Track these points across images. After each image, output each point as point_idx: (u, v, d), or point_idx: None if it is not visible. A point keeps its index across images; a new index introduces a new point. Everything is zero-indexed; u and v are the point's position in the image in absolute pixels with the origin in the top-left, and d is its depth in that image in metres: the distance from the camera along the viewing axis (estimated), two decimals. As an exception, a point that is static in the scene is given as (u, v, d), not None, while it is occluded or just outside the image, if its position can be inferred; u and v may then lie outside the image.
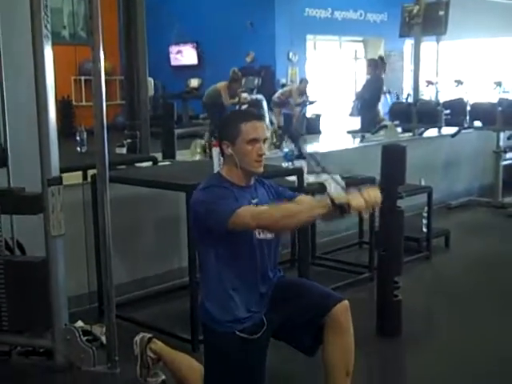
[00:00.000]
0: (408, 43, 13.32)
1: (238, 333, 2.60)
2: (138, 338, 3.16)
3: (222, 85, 9.26)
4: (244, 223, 2.50)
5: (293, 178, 4.04)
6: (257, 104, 9.49)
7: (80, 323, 3.59)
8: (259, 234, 2.63)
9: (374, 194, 2.50)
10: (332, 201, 2.40)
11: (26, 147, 3.41)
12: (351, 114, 11.03)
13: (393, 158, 3.65)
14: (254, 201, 2.65)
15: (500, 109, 6.98)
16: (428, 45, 9.75)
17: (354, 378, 2.70)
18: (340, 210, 2.36)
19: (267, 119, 9.06)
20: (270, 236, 2.66)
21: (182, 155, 5.85)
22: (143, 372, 3.14)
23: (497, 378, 3.24)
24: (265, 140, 2.68)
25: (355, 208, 2.43)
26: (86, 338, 3.35)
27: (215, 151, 3.66)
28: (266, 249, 2.68)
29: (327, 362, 2.67)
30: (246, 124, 2.61)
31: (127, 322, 3.79)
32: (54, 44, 3.18)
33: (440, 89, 9.43)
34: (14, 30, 3.46)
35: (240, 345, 2.61)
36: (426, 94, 9.54)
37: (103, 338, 3.45)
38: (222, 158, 2.80)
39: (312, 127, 11.52)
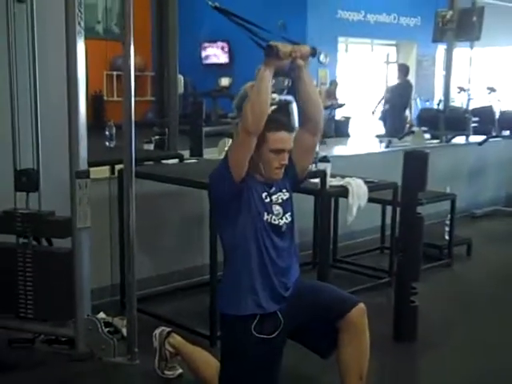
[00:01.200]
0: (441, 48, 13.26)
1: (254, 332, 2.66)
2: (157, 332, 3.25)
3: (248, 86, 9.29)
4: (237, 144, 2.62)
5: (316, 181, 4.08)
6: (285, 105, 9.51)
7: (102, 315, 3.67)
8: (268, 215, 2.68)
9: (303, 47, 2.67)
10: (266, 45, 2.59)
11: (58, 170, 3.45)
12: (381, 118, 11.01)
13: (414, 164, 3.66)
14: (264, 194, 2.70)
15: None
16: (461, 51, 9.70)
17: (367, 381, 2.73)
18: (269, 50, 2.56)
19: (296, 122, 9.08)
20: (278, 220, 2.71)
21: (209, 154, 5.91)
22: (161, 365, 3.22)
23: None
24: (289, 151, 2.72)
25: (282, 51, 2.56)
26: (107, 329, 3.42)
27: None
28: (278, 233, 2.71)
29: (342, 364, 2.71)
30: (275, 134, 2.64)
31: (148, 315, 3.85)
32: (87, 39, 3.24)
33: (472, 96, 9.39)
34: (49, 26, 3.54)
35: (256, 343, 2.66)
36: (458, 100, 9.51)
37: (124, 331, 3.53)
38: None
39: (341, 130, 11.51)
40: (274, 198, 2.72)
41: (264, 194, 2.69)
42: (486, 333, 3.95)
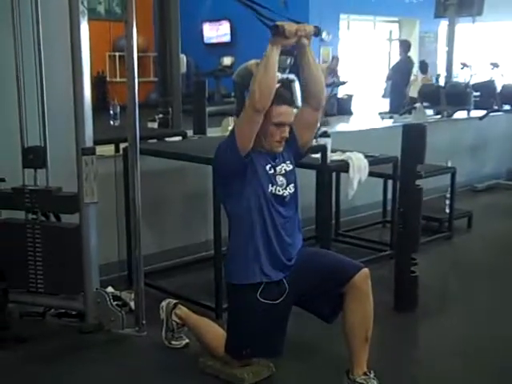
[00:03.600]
0: (443, 24, 13.22)
1: (260, 298, 2.77)
2: (164, 304, 3.35)
3: (253, 63, 9.30)
4: (244, 121, 2.70)
5: (317, 156, 4.15)
6: (288, 84, 9.53)
7: (110, 289, 3.76)
8: (273, 186, 2.79)
9: (307, 26, 2.78)
10: (273, 25, 2.69)
11: (65, 146, 3.50)
12: (384, 96, 11.03)
13: (413, 137, 3.73)
14: (268, 166, 2.79)
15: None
16: (464, 27, 9.69)
17: (369, 348, 2.83)
18: (276, 30, 2.67)
19: (299, 100, 9.10)
20: (283, 191, 2.82)
21: (213, 133, 5.96)
22: (168, 335, 3.32)
23: (510, 353, 3.34)
24: (290, 125, 2.82)
25: (288, 30, 2.67)
26: (115, 302, 3.51)
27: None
28: (282, 204, 2.82)
29: (347, 327, 2.82)
30: (277, 107, 2.74)
31: (154, 289, 3.96)
32: (89, 20, 3.29)
33: (476, 71, 9.39)
34: (53, 4, 3.58)
35: (261, 309, 2.79)
36: (461, 76, 9.51)
37: (132, 304, 3.63)
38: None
39: (343, 108, 11.50)
40: (277, 168, 2.83)
41: (268, 166, 2.80)
42: (486, 302, 4.04)
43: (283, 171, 2.86)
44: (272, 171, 2.82)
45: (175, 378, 3.08)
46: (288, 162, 2.89)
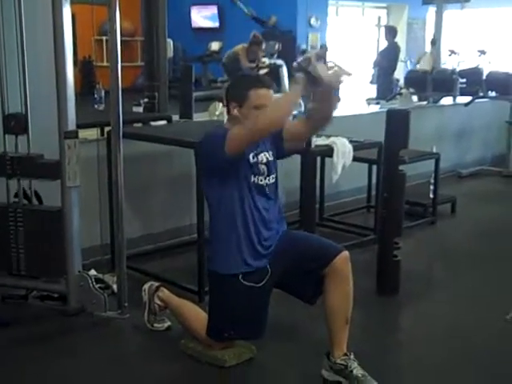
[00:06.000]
0: (432, 11, 13.22)
1: (243, 281, 2.80)
2: (146, 286, 3.36)
3: (240, 47, 9.27)
4: (239, 136, 2.67)
5: (301, 140, 4.14)
6: (276, 69, 9.51)
7: (93, 272, 3.76)
8: (255, 177, 2.81)
9: (342, 70, 2.66)
10: (306, 72, 2.57)
11: (46, 114, 3.49)
12: (372, 82, 11.02)
13: (396, 122, 3.74)
14: (251, 154, 2.81)
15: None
16: (452, 13, 9.68)
17: (350, 332, 2.86)
18: (311, 79, 2.56)
19: (286, 84, 9.07)
20: (264, 181, 2.84)
21: (200, 118, 5.95)
22: (150, 318, 3.34)
23: (494, 337, 3.37)
24: None
25: (323, 78, 2.57)
26: (98, 285, 3.52)
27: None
28: (263, 194, 2.85)
29: (327, 309, 2.84)
30: (256, 90, 2.77)
31: (137, 272, 3.97)
32: (75, 3, 3.28)
33: (463, 58, 9.40)
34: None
35: (244, 291, 2.82)
36: (449, 63, 9.53)
37: (114, 287, 3.62)
38: (227, 116, 2.95)
39: (331, 94, 11.50)
40: (259, 157, 2.85)
41: (251, 155, 2.82)
42: (468, 287, 4.07)
43: (265, 159, 2.88)
44: (255, 159, 2.83)
45: (157, 360, 3.09)
46: (270, 152, 2.91)
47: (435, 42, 9.80)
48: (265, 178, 2.86)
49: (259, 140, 2.76)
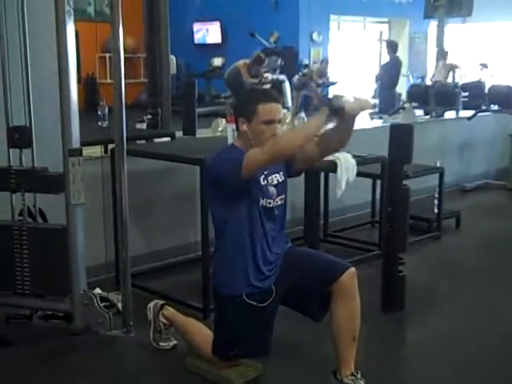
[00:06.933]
0: (433, 25, 13.28)
1: (247, 300, 2.78)
2: (151, 305, 3.34)
3: (241, 63, 9.31)
4: (256, 160, 2.66)
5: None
6: (279, 85, 9.54)
7: (98, 290, 3.74)
8: (263, 199, 2.80)
9: (365, 101, 2.71)
10: (329, 104, 2.63)
11: (50, 127, 3.49)
12: (374, 96, 11.06)
13: (400, 137, 3.74)
14: (262, 177, 2.81)
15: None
16: (454, 27, 9.72)
17: (356, 348, 2.84)
18: (335, 112, 2.61)
19: (289, 100, 9.10)
20: (273, 203, 2.83)
21: (203, 134, 5.96)
22: (156, 336, 3.32)
23: (498, 352, 3.35)
24: (279, 121, 2.81)
25: (348, 110, 2.62)
26: (103, 304, 3.51)
27: (229, 127, 3.78)
28: (271, 217, 2.84)
29: (334, 327, 2.82)
30: (264, 105, 2.75)
31: (142, 290, 3.95)
32: (78, 21, 3.29)
33: (465, 72, 9.42)
34: (39, 6, 3.57)
35: (249, 311, 2.79)
36: (451, 76, 9.54)
37: (119, 305, 3.60)
38: (236, 133, 2.94)
39: (333, 108, 11.51)
40: (269, 179, 2.84)
41: (262, 177, 2.81)
42: (473, 302, 4.05)
43: (275, 182, 2.86)
44: (265, 182, 2.82)
45: (163, 378, 3.08)
46: (281, 172, 2.90)
47: (446, 55, 9.84)
48: (273, 200, 2.84)
49: (275, 163, 2.75)
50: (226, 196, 2.78)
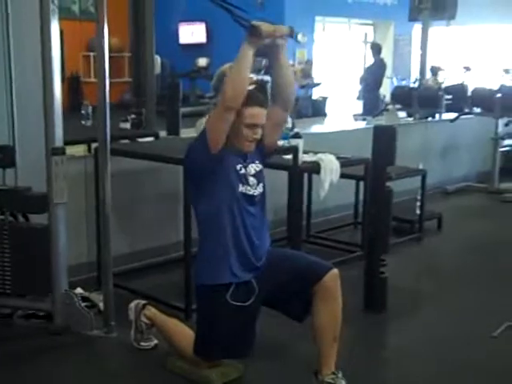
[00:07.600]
0: (417, 28, 13.34)
1: (229, 300, 2.78)
2: (132, 305, 3.33)
3: (226, 67, 9.29)
4: (217, 117, 2.72)
5: (288, 157, 4.16)
6: (263, 85, 9.55)
7: (79, 290, 3.74)
8: (243, 186, 2.81)
9: (283, 27, 2.83)
10: (250, 25, 2.71)
11: (34, 146, 3.48)
12: (358, 98, 11.12)
13: (383, 138, 3.76)
14: (239, 166, 2.81)
15: (499, 95, 7.06)
16: (438, 30, 9.76)
17: (337, 349, 2.86)
18: (252, 30, 2.69)
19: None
20: (253, 191, 2.84)
21: (187, 134, 5.94)
22: (137, 336, 3.31)
23: (478, 354, 3.37)
24: (262, 126, 2.83)
25: (265, 30, 2.70)
26: (84, 303, 3.50)
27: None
28: (251, 203, 2.84)
29: (316, 327, 2.84)
30: (249, 108, 2.76)
31: (124, 290, 3.93)
32: (63, 19, 3.27)
33: (449, 75, 9.47)
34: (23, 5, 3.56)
35: (232, 310, 2.79)
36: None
37: (101, 305, 3.60)
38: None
39: (318, 109, 11.57)
40: (248, 169, 2.85)
41: (239, 166, 2.82)
42: (455, 303, 4.07)
43: (253, 171, 2.88)
44: (243, 171, 2.84)
45: (144, 378, 3.07)
46: (257, 161, 2.91)
47: (436, 72, 9.87)
48: (254, 188, 2.86)
49: (234, 109, 2.70)
50: (206, 185, 2.79)
